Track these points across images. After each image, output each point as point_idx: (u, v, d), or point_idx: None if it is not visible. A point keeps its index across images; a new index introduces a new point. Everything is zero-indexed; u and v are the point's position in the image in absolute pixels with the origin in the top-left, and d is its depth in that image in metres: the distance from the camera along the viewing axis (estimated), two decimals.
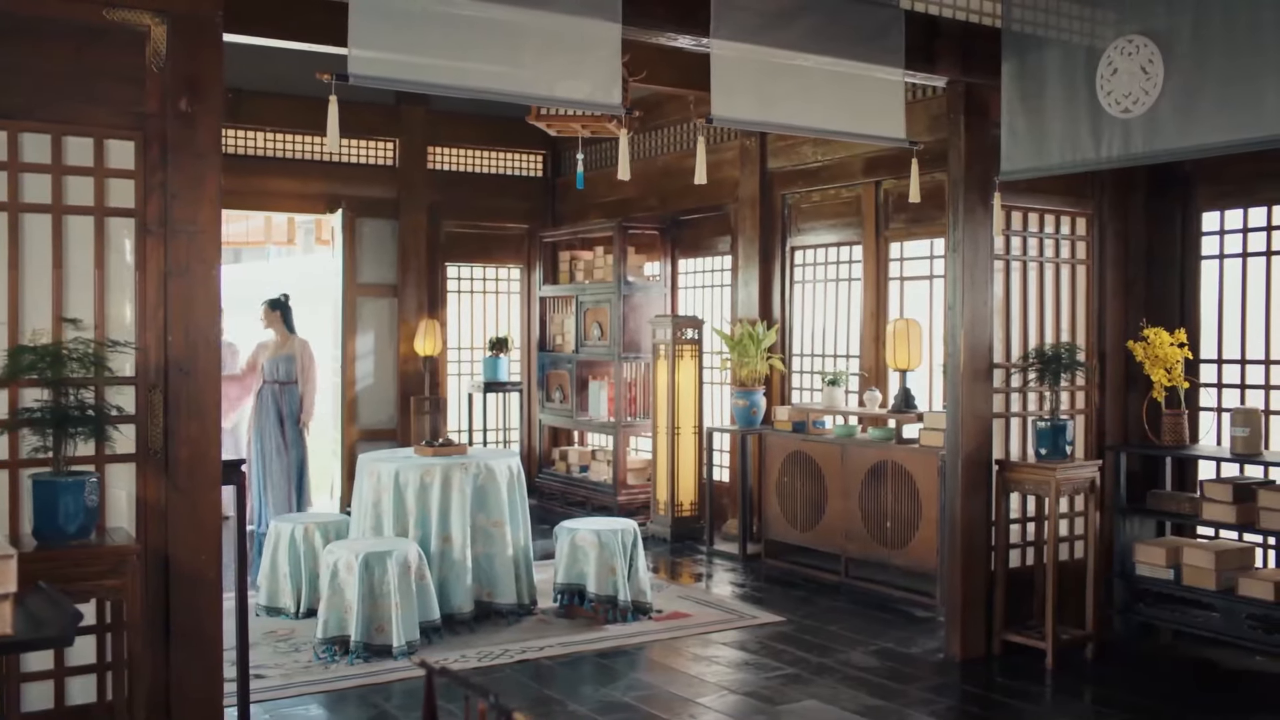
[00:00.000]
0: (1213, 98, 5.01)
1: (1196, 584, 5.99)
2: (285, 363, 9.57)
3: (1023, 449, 6.44)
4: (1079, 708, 5.69)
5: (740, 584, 8.09)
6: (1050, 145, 5.69)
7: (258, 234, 12.79)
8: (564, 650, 6.36)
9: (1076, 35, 5.59)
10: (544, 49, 4.97)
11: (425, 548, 6.63)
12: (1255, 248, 6.50)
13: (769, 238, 9.26)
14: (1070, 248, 6.69)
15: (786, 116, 5.69)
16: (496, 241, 11.74)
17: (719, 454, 9.55)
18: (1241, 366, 6.56)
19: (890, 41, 5.73)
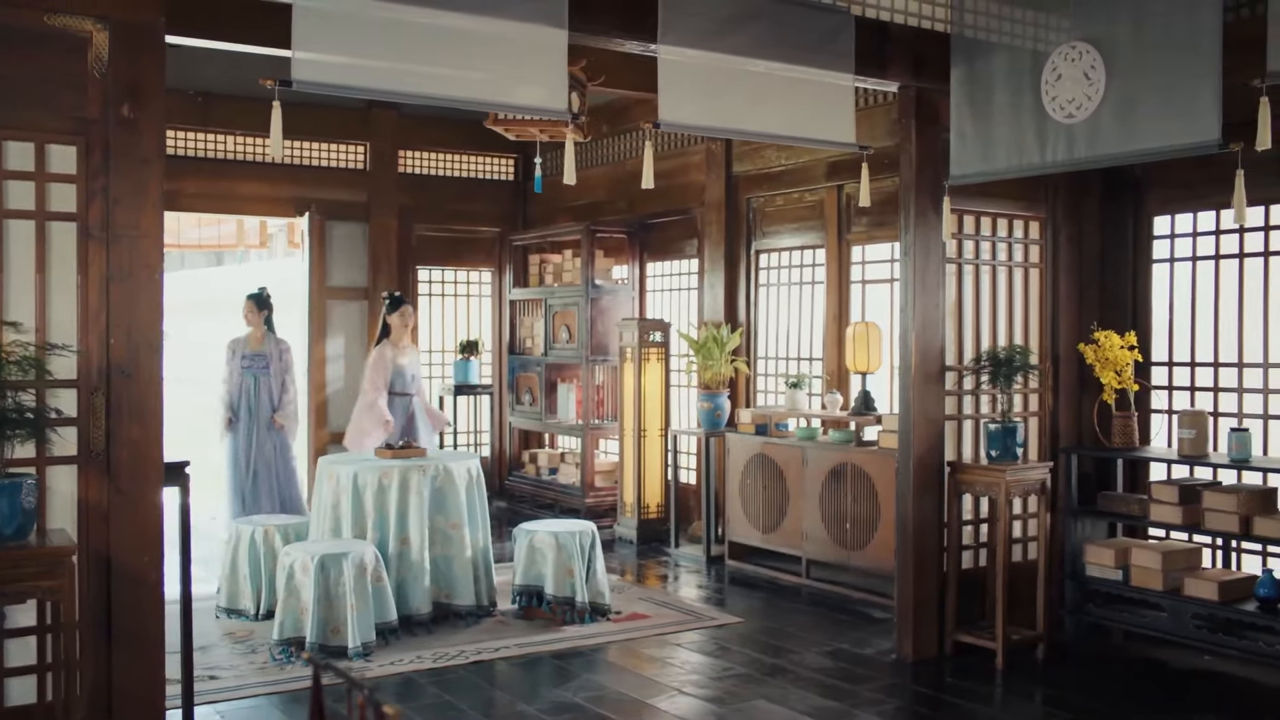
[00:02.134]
0: (1152, 104, 5.07)
1: (1144, 584, 6.05)
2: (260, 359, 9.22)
3: (975, 451, 6.50)
4: (1026, 707, 5.74)
5: (702, 586, 8.14)
6: (998, 150, 5.75)
7: (230, 238, 12.76)
8: (520, 651, 6.40)
9: (1023, 41, 5.65)
10: (491, 55, 5.00)
11: (383, 550, 6.66)
12: (1204, 251, 6.56)
13: (734, 241, 9.31)
14: (1023, 251, 6.75)
15: (735, 121, 5.73)
16: (467, 245, 11.78)
17: (685, 456, 9.60)
18: (1191, 369, 6.63)
19: (840, 47, 5.77)
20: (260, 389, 9.13)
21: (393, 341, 8.63)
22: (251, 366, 9.10)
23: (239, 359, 9.10)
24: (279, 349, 9.25)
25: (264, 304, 9.28)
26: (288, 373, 9.29)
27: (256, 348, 9.18)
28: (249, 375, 9.10)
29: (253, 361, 9.12)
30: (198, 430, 16.74)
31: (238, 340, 9.22)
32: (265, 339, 9.21)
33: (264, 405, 9.10)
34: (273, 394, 9.12)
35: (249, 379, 9.10)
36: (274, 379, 9.13)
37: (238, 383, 9.07)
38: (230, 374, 9.09)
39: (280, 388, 9.16)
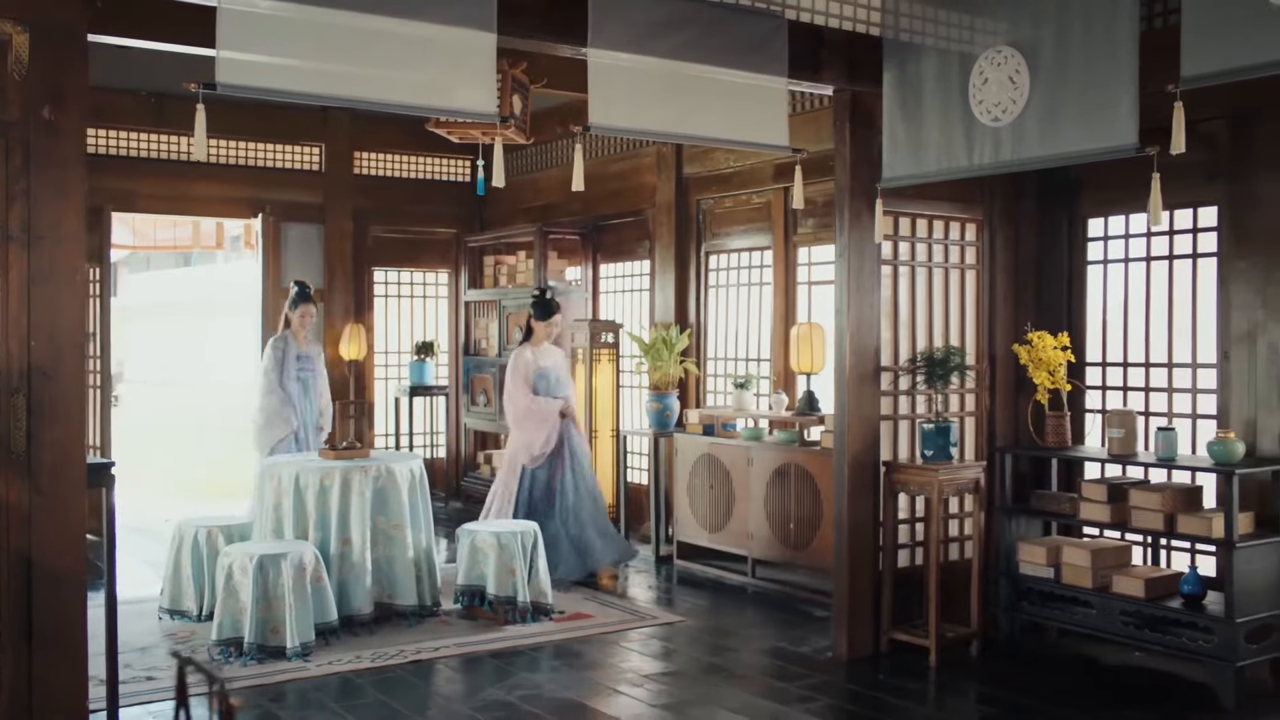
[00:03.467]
0: (1074, 107, 5.14)
1: (1075, 582, 6.12)
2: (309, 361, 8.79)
3: (911, 451, 6.56)
4: (956, 703, 5.82)
5: (649, 585, 8.19)
6: (928, 153, 5.81)
7: (185, 239, 12.75)
8: (459, 651, 6.43)
9: (952, 44, 5.71)
10: (420, 58, 5.02)
11: (325, 550, 6.69)
12: (1136, 253, 6.64)
13: (684, 243, 9.37)
14: (960, 253, 6.82)
15: (667, 125, 5.77)
16: (424, 246, 11.81)
17: (636, 457, 9.64)
18: (1124, 369, 6.71)
19: (773, 51, 5.82)
20: (309, 394, 8.72)
21: (534, 344, 8.29)
22: (304, 369, 8.68)
23: (292, 361, 8.61)
24: (318, 350, 8.99)
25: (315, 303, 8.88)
26: (323, 375, 8.93)
27: (306, 349, 8.77)
28: (301, 379, 8.67)
29: (305, 364, 8.70)
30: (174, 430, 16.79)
31: (284, 340, 8.67)
32: (309, 340, 8.85)
33: (314, 411, 8.71)
34: (315, 398, 8.74)
35: (300, 383, 8.66)
36: (320, 381, 8.80)
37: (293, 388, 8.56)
38: (283, 379, 8.55)
39: (320, 391, 8.81)
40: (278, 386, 8.51)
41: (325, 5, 4.72)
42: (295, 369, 8.61)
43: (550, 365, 8.30)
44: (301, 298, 8.76)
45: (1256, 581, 5.58)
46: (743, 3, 5.72)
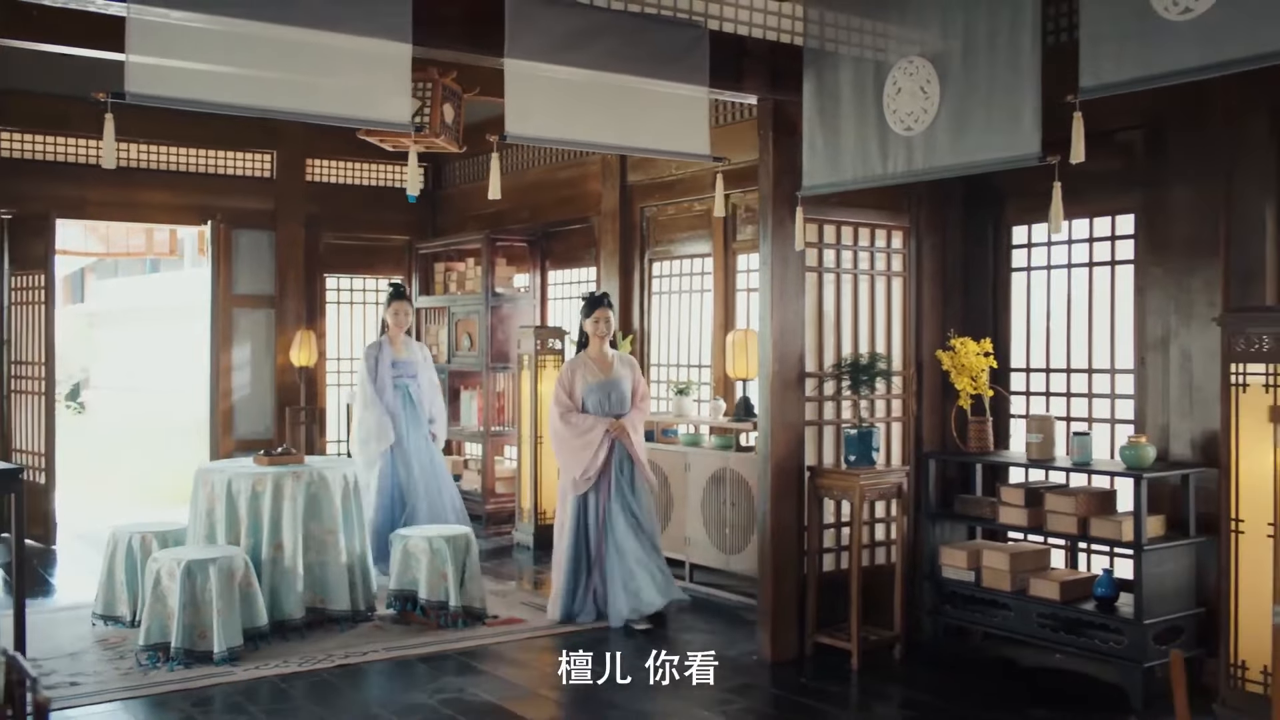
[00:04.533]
0: (981, 117, 5.22)
1: (994, 585, 6.20)
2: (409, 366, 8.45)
3: (837, 456, 6.63)
4: (873, 705, 5.89)
5: None
6: (845, 161, 5.89)
7: (138, 246, 12.78)
8: (387, 655, 6.47)
9: (868, 54, 5.79)
10: (335, 68, 5.07)
11: (256, 556, 6.72)
12: (1059, 261, 6.73)
13: (629, 250, 9.44)
14: (887, 260, 6.89)
15: (587, 134, 5.84)
16: (377, 253, 11.87)
17: None
18: (1046, 375, 6.80)
19: (695, 60, 5.87)
20: (415, 400, 8.35)
21: (590, 353, 7.37)
22: (402, 376, 8.34)
23: (387, 368, 8.28)
24: (422, 354, 8.59)
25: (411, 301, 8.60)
26: (433, 382, 8.60)
27: (404, 354, 8.42)
28: (400, 386, 8.34)
29: (403, 370, 8.36)
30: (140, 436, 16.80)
31: (378, 347, 8.37)
32: (407, 343, 8.48)
33: (421, 419, 8.33)
34: (422, 405, 8.37)
35: (400, 391, 8.33)
36: (423, 388, 8.42)
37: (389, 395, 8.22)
38: (381, 388, 8.22)
39: (429, 398, 8.47)
40: (374, 400, 8.16)
41: (237, 16, 4.77)
42: (392, 376, 8.26)
43: (604, 380, 7.26)
44: (395, 295, 8.46)
45: (1166, 584, 5.67)
46: (664, 13, 5.78)
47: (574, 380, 7.23)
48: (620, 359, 7.38)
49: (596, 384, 7.19)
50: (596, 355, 7.32)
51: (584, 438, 7.11)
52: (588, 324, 7.34)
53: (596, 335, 7.31)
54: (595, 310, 7.35)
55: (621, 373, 7.31)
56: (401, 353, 8.32)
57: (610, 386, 7.23)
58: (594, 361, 7.30)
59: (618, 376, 7.29)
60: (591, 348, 7.33)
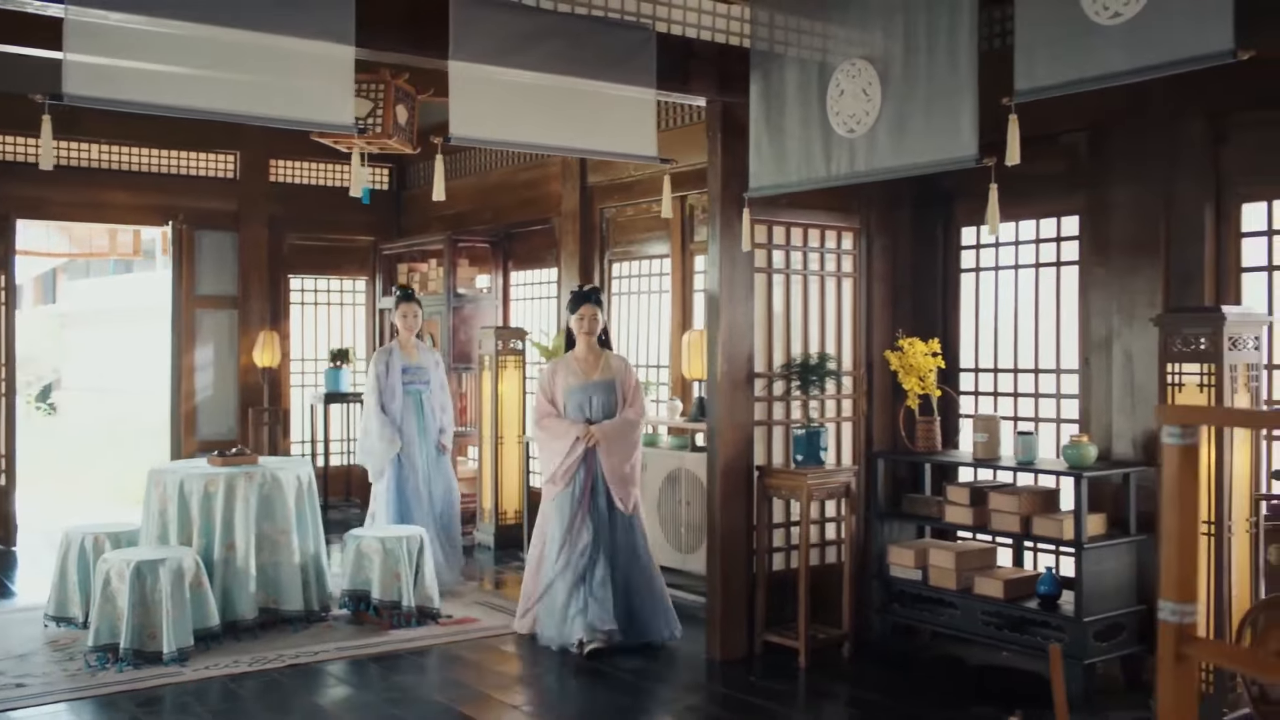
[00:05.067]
0: (921, 120, 5.27)
1: (941, 584, 6.25)
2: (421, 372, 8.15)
3: (786, 456, 6.67)
4: (816, 704, 5.92)
5: None
6: (790, 162, 5.93)
7: (102, 247, 12.75)
8: (339, 655, 6.49)
9: (813, 57, 5.83)
10: (276, 70, 5.08)
11: (209, 556, 6.73)
12: (1006, 262, 6.79)
13: (589, 251, 9.46)
14: (837, 261, 6.93)
15: (533, 136, 5.87)
16: (341, 254, 11.87)
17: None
18: (995, 375, 6.86)
19: (641, 63, 5.91)
20: (426, 408, 8.04)
21: (576, 353, 6.85)
22: (413, 382, 8.03)
23: (397, 374, 7.99)
24: (434, 359, 8.26)
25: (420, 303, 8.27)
26: (444, 389, 8.27)
27: (415, 359, 8.11)
28: (411, 393, 8.01)
29: (414, 375, 8.04)
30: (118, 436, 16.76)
31: (388, 352, 8.08)
32: (418, 347, 8.18)
33: (431, 427, 8.03)
34: (435, 413, 8.07)
35: (411, 397, 8.00)
36: (435, 394, 8.11)
37: (399, 403, 7.93)
38: (389, 394, 7.94)
39: (440, 405, 8.16)
40: (376, 408, 7.89)
41: (178, 18, 4.78)
42: (402, 383, 7.95)
43: (586, 383, 6.73)
44: (404, 298, 8.18)
45: (1107, 581, 5.72)
46: (611, 15, 5.81)
47: (554, 383, 6.78)
48: (610, 360, 6.82)
49: (578, 386, 6.70)
50: (582, 355, 6.80)
51: (554, 444, 6.68)
52: (573, 321, 6.82)
53: (582, 333, 6.77)
54: (580, 306, 6.80)
55: (608, 376, 6.75)
56: (413, 357, 8.03)
57: (592, 390, 6.70)
58: (578, 362, 6.78)
59: (602, 379, 6.73)
60: (578, 347, 6.82)
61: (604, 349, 6.88)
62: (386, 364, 7.94)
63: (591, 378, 6.74)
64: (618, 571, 6.55)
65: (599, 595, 6.43)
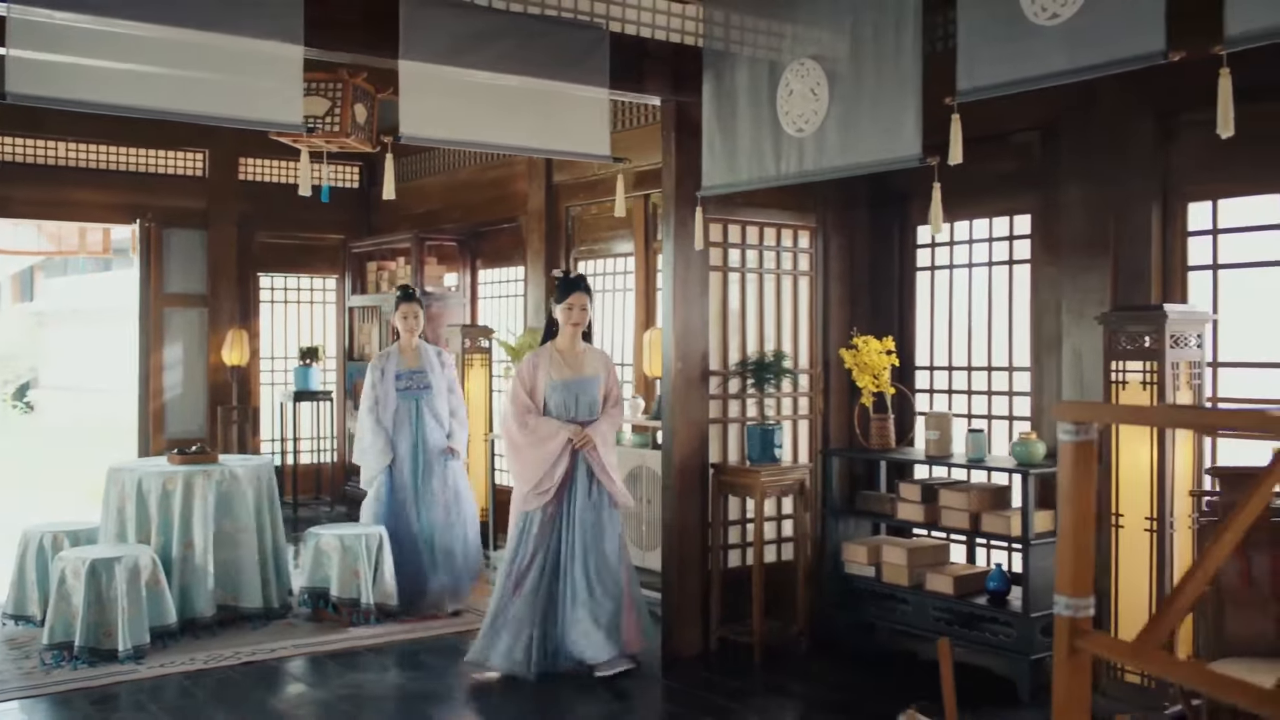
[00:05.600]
0: (867, 120, 5.30)
1: (893, 580, 6.29)
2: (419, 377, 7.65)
3: (742, 454, 6.71)
4: (767, 700, 5.95)
5: None
6: (741, 162, 5.97)
7: (71, 245, 12.73)
8: (296, 652, 6.51)
9: (763, 56, 5.87)
10: (225, 69, 5.10)
11: (167, 554, 6.75)
12: (960, 260, 6.84)
13: (554, 249, 9.49)
14: (794, 260, 6.97)
15: (484, 135, 5.89)
16: (311, 252, 11.88)
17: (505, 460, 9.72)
18: (949, 373, 6.90)
19: (594, 63, 5.93)
20: (424, 415, 7.54)
21: (557, 344, 6.32)
22: (410, 387, 7.56)
23: (391, 380, 7.56)
24: (439, 360, 7.74)
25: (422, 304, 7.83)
26: (454, 391, 7.77)
27: (413, 363, 7.63)
28: (407, 399, 7.53)
29: (411, 380, 7.58)
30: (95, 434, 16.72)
31: (386, 356, 7.67)
32: (420, 350, 7.69)
33: (431, 435, 7.54)
34: (439, 418, 7.60)
35: (407, 403, 7.52)
36: (438, 398, 7.62)
37: (393, 410, 7.51)
38: (383, 403, 7.52)
39: (448, 408, 7.68)
40: (367, 416, 7.52)
41: (125, 18, 4.79)
42: (397, 390, 7.53)
43: (572, 379, 6.21)
44: (403, 297, 7.75)
45: (1053, 578, 5.74)
46: (564, 15, 5.83)
47: (535, 376, 6.19)
48: (593, 355, 6.33)
49: (562, 382, 6.15)
50: (566, 348, 6.24)
51: (541, 448, 6.07)
52: (559, 310, 6.23)
53: (569, 324, 6.20)
54: (570, 294, 6.21)
55: (594, 371, 6.26)
56: (412, 361, 7.58)
57: (579, 387, 6.19)
58: (562, 355, 6.22)
59: (589, 375, 6.24)
60: (561, 338, 6.24)
61: (586, 341, 6.38)
62: (382, 370, 7.54)
63: (579, 373, 6.22)
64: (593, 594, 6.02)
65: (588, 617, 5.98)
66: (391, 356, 7.62)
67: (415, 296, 7.78)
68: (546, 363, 6.20)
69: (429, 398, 7.57)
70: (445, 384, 7.69)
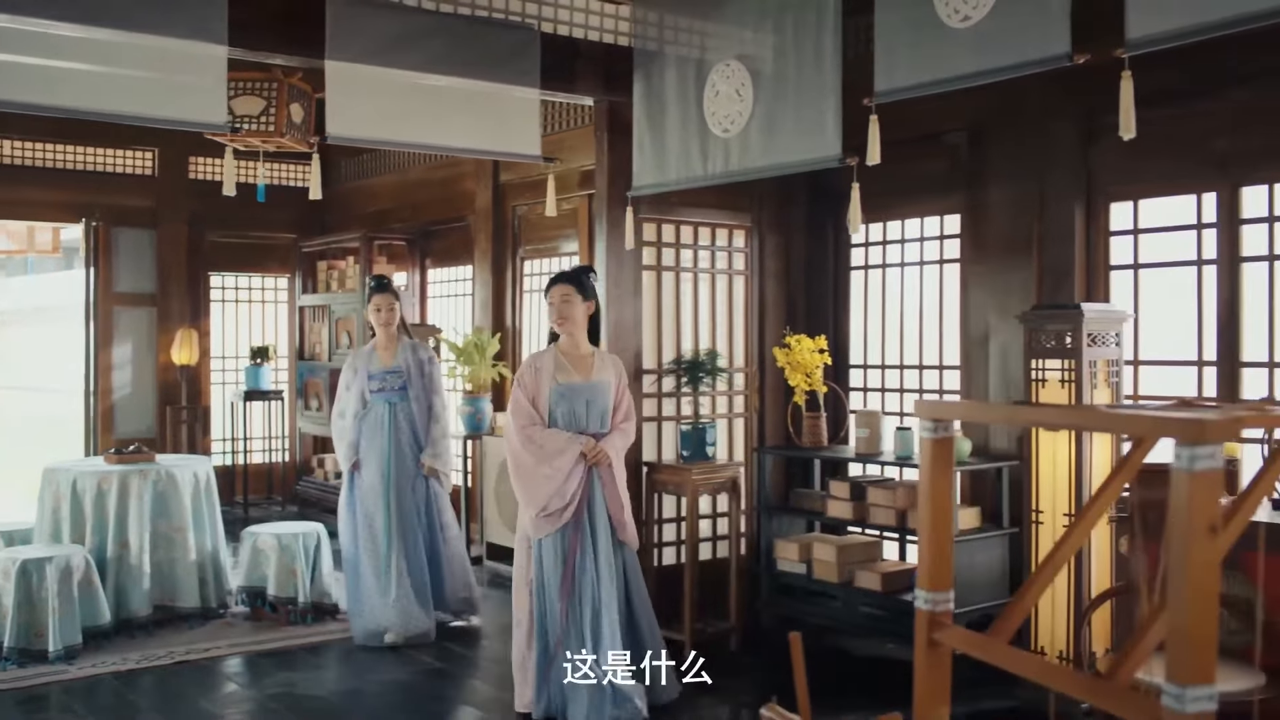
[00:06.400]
0: (790, 121, 5.36)
1: (824, 577, 6.34)
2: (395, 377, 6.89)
3: (676, 452, 6.75)
4: (699, 696, 5.99)
5: None
6: (670, 162, 6.01)
7: (20, 243, 12.67)
8: (231, 651, 6.52)
9: (692, 55, 5.91)
10: (149, 69, 5.12)
11: (102, 554, 6.75)
12: (893, 259, 6.90)
13: (501, 248, 9.51)
14: (729, 259, 7.01)
15: (414, 135, 5.92)
16: (263, 251, 11.86)
17: (455, 459, 9.74)
18: (882, 371, 6.96)
19: (525, 63, 5.97)
20: (398, 420, 6.78)
21: (560, 347, 5.47)
22: (384, 389, 6.81)
23: (363, 380, 6.86)
24: (419, 360, 6.91)
25: (397, 295, 7.02)
26: (436, 393, 6.91)
27: (388, 362, 6.87)
28: (380, 402, 6.79)
29: (385, 381, 6.82)
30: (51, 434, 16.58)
31: (359, 355, 6.97)
32: (400, 348, 6.93)
33: (405, 443, 6.78)
34: (416, 425, 6.82)
35: (380, 407, 6.79)
36: (416, 404, 6.85)
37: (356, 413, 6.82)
38: (351, 403, 6.86)
39: (428, 415, 6.87)
40: (337, 419, 6.94)
41: (45, 17, 4.79)
42: (372, 390, 6.83)
43: (578, 384, 5.38)
44: (376, 289, 7.00)
45: (979, 574, 5.83)
46: (495, 15, 5.86)
47: (538, 382, 5.37)
48: (603, 359, 5.49)
49: (568, 387, 5.34)
50: (570, 349, 5.43)
51: (550, 464, 5.27)
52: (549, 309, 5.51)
53: (555, 322, 5.43)
54: (552, 288, 5.46)
55: (604, 377, 5.41)
56: (388, 360, 6.83)
57: (588, 393, 5.35)
58: (566, 358, 5.41)
59: (599, 381, 5.39)
60: (562, 340, 5.46)
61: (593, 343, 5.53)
62: (355, 369, 6.86)
63: (588, 377, 5.38)
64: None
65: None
66: (364, 355, 6.92)
67: (389, 286, 6.98)
68: (550, 366, 5.36)
69: (403, 403, 6.80)
70: (425, 386, 6.86)
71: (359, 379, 6.85)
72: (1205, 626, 1.84)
